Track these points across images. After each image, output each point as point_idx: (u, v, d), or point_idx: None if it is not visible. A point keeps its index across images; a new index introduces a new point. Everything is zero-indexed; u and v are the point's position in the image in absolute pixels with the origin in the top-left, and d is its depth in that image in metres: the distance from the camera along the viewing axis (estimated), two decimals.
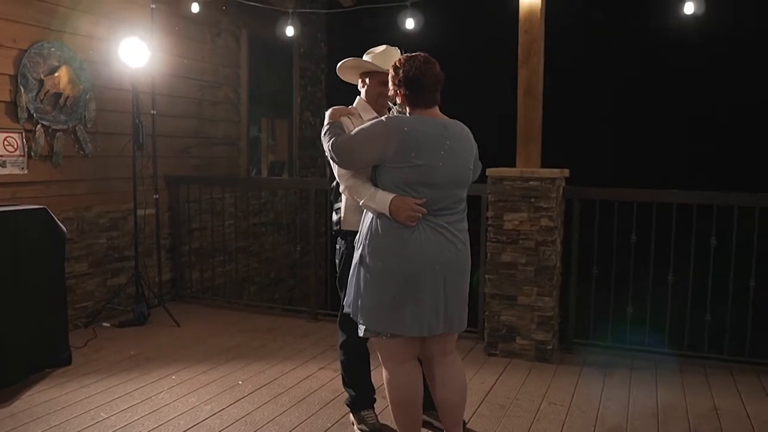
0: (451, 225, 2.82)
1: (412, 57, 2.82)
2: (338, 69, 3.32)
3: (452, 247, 2.82)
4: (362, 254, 2.82)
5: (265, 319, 5.66)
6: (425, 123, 2.77)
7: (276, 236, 7.56)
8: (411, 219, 2.73)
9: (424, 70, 2.78)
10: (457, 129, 2.86)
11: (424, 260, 2.75)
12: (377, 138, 2.74)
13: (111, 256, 5.58)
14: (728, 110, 6.45)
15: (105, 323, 5.32)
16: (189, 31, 6.31)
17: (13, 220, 4.10)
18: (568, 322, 4.88)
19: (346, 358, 3.45)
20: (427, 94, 2.80)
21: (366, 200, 2.82)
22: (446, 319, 2.83)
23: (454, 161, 2.78)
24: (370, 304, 2.79)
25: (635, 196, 4.68)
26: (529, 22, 4.64)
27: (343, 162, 2.89)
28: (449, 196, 2.80)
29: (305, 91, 8.22)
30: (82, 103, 5.23)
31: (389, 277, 2.75)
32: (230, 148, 7.02)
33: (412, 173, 2.71)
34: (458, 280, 2.87)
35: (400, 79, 2.80)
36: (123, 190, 5.59)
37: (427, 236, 2.76)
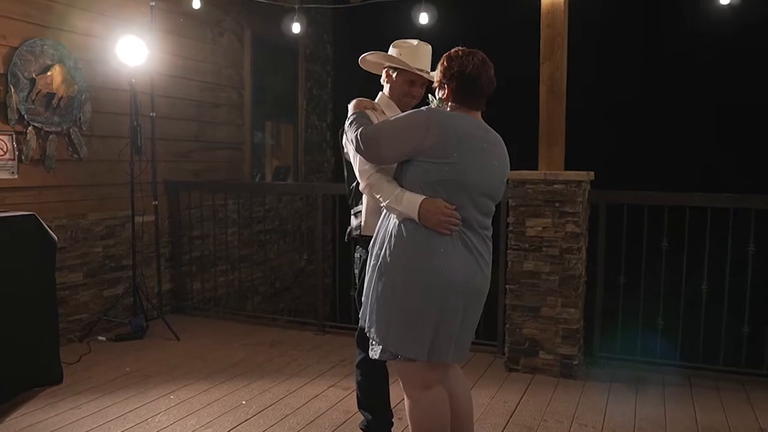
0: (480, 244, 2.53)
1: (471, 53, 2.54)
2: (361, 59, 3.03)
3: (480, 272, 2.52)
4: (380, 264, 2.49)
5: (269, 332, 5.36)
6: (469, 121, 2.51)
7: (281, 244, 7.26)
8: (443, 225, 2.40)
9: (482, 69, 2.52)
10: (496, 137, 2.60)
11: (451, 279, 2.43)
12: (416, 128, 2.43)
13: (107, 266, 5.28)
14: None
15: (100, 337, 5.02)
16: (190, 30, 6.04)
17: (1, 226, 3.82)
18: (593, 335, 4.57)
19: (363, 379, 3.12)
20: (478, 95, 2.54)
21: (391, 201, 2.47)
22: (457, 348, 2.52)
23: (491, 169, 2.51)
24: (388, 321, 2.48)
25: (666, 200, 4.38)
26: (552, 15, 4.36)
27: (372, 153, 2.53)
28: (482, 207, 2.51)
29: (311, 94, 7.94)
30: (77, 104, 4.94)
31: (411, 292, 2.43)
32: (233, 153, 6.74)
33: (447, 171, 2.40)
34: (476, 308, 2.57)
35: (454, 72, 2.52)
36: (120, 196, 5.30)
37: (458, 253, 2.45)
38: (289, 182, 7.65)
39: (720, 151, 5.97)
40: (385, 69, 2.99)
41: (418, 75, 2.91)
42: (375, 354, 2.55)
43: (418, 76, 2.91)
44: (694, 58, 6.05)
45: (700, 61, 6.03)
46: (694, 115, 6.15)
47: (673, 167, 5.93)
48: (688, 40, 5.99)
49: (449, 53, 2.58)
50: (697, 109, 6.14)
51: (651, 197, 4.41)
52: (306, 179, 7.83)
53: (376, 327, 2.51)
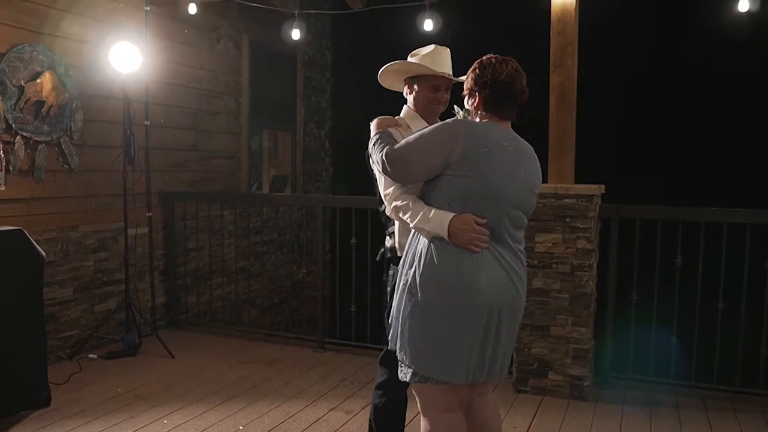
0: (513, 259, 2.41)
1: (505, 60, 2.43)
2: (380, 74, 2.86)
3: (513, 288, 2.40)
4: (410, 284, 2.38)
5: (267, 349, 5.17)
6: (496, 130, 2.39)
7: (278, 256, 7.08)
8: (473, 242, 2.30)
9: (515, 78, 2.40)
10: (527, 147, 2.49)
11: (483, 298, 2.32)
12: (442, 141, 2.32)
13: (99, 280, 5.09)
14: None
15: (91, 354, 4.83)
16: (186, 36, 5.86)
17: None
18: (603, 354, 4.41)
19: (381, 402, 2.92)
20: (510, 105, 2.43)
21: (419, 221, 2.37)
22: (491, 367, 2.40)
23: (522, 180, 2.40)
24: (420, 342, 2.37)
25: (680, 214, 4.22)
26: (563, 23, 4.21)
27: (399, 173, 2.43)
28: (513, 220, 2.40)
29: (309, 101, 7.76)
30: (68, 112, 4.76)
31: (442, 313, 2.33)
32: (230, 162, 6.56)
33: (477, 184, 2.30)
34: (511, 326, 2.45)
35: (486, 80, 2.40)
36: (113, 207, 5.11)
37: (490, 270, 2.34)
38: (288, 194, 7.46)
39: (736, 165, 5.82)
40: (406, 81, 2.83)
41: (442, 78, 2.77)
42: (405, 376, 2.43)
43: (441, 79, 2.77)
44: (710, 68, 5.90)
45: (716, 71, 5.88)
46: (710, 127, 6.00)
47: (687, 180, 5.78)
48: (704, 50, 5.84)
49: (481, 60, 2.47)
50: (713, 120, 5.99)
51: (664, 212, 4.25)
52: (304, 189, 7.65)
53: (407, 349, 2.40)
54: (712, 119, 5.96)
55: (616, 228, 4.30)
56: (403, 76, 2.85)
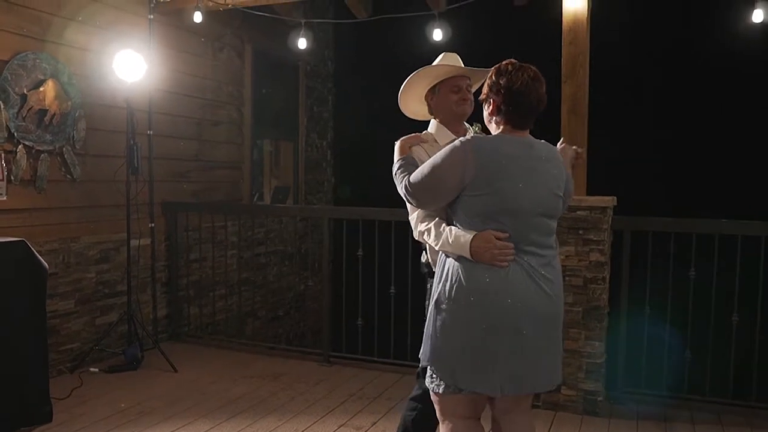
0: (543, 267, 2.35)
1: (522, 68, 2.37)
2: (400, 101, 2.81)
3: (544, 297, 2.35)
4: (439, 300, 2.37)
5: (271, 362, 5.07)
6: (508, 142, 2.36)
7: (280, 267, 6.98)
8: (497, 259, 2.28)
9: (531, 87, 2.34)
10: (545, 149, 2.43)
11: (514, 312, 2.30)
12: (454, 165, 2.32)
13: (101, 292, 4.99)
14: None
15: (93, 368, 4.72)
16: (189, 45, 5.80)
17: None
18: (616, 368, 4.33)
19: (414, 415, 2.85)
20: (525, 114, 2.38)
21: (442, 244, 2.40)
22: (518, 377, 2.34)
23: (542, 185, 2.36)
24: (450, 357, 2.37)
25: (694, 227, 4.16)
26: (574, 33, 4.17)
27: (422, 203, 2.50)
28: (538, 227, 2.36)
29: (311, 112, 7.70)
30: (71, 121, 4.68)
31: (474, 327, 2.32)
32: (232, 172, 6.48)
33: (492, 200, 2.29)
34: (550, 334, 2.40)
35: (500, 87, 2.36)
36: (115, 218, 5.03)
37: (518, 282, 2.30)
38: (294, 205, 7.41)
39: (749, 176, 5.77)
40: (426, 96, 2.77)
41: (461, 78, 2.72)
42: (437, 388, 2.42)
43: (461, 79, 2.72)
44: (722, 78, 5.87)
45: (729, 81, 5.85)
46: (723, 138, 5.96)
47: (698, 191, 5.73)
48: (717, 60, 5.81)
49: (499, 66, 2.42)
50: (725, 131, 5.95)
51: (678, 224, 4.19)
52: (306, 199, 7.57)
53: (439, 362, 2.40)
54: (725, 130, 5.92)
55: (628, 240, 4.24)
56: (423, 91, 2.79)
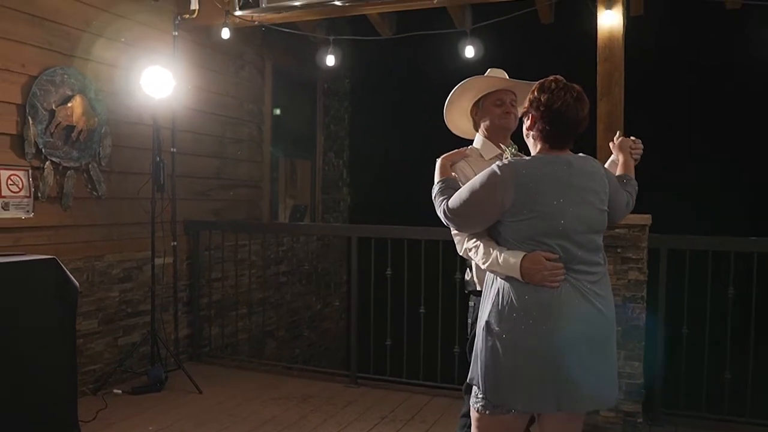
0: (594, 284, 2.30)
1: (566, 87, 2.31)
2: (447, 112, 2.78)
3: (598, 316, 2.30)
4: (489, 322, 2.31)
5: (297, 384, 4.97)
6: (545, 162, 2.30)
7: (297, 286, 6.89)
8: (548, 280, 2.23)
9: (572, 107, 2.28)
10: (584, 165, 2.35)
11: (567, 333, 2.23)
12: (492, 192, 2.28)
13: (123, 312, 4.90)
14: None
15: (116, 389, 4.61)
16: (212, 62, 5.76)
17: (17, 271, 3.49)
18: (654, 389, 4.25)
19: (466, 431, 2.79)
20: (564, 134, 2.32)
21: (490, 264, 2.33)
22: (573, 396, 2.26)
23: (584, 202, 2.29)
24: (497, 374, 2.30)
25: (732, 245, 4.10)
26: (609, 50, 4.15)
27: (461, 228, 2.47)
28: (585, 245, 2.30)
29: (328, 130, 7.66)
30: (97, 137, 4.63)
31: (522, 349, 2.25)
32: (252, 191, 6.41)
33: (535, 224, 2.25)
34: (598, 351, 2.32)
35: (540, 104, 2.31)
36: (138, 236, 4.96)
37: (569, 302, 2.25)
38: (320, 223, 7.38)
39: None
40: (471, 111, 2.73)
41: (505, 91, 2.68)
42: (485, 410, 2.36)
43: (504, 92, 2.68)
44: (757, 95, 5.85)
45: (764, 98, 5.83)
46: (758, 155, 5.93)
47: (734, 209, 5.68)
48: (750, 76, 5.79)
49: (543, 81, 2.37)
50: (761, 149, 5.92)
51: (715, 242, 4.14)
52: (323, 218, 7.51)
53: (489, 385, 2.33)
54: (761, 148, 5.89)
55: (665, 258, 4.18)
56: (468, 105, 2.76)
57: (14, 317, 3.39)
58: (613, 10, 4.09)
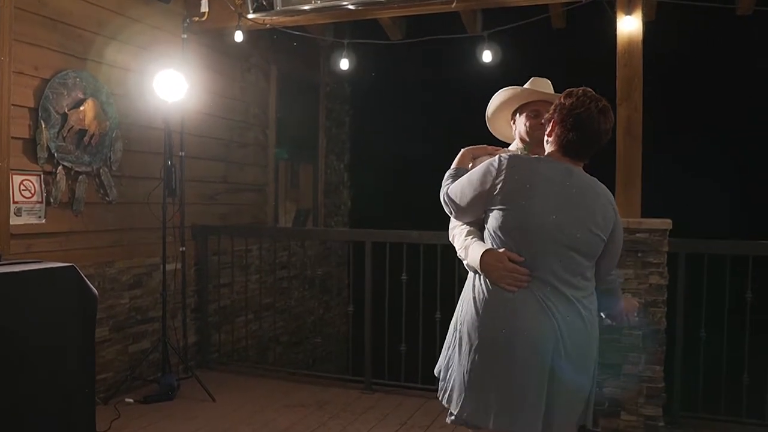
0: (563, 306, 2.20)
1: (593, 97, 2.26)
2: (490, 118, 2.76)
3: (557, 338, 2.19)
4: (454, 321, 2.38)
5: (310, 390, 4.92)
6: (546, 164, 2.26)
7: (301, 291, 6.83)
8: (505, 280, 2.18)
9: (594, 117, 2.22)
10: (588, 182, 2.27)
11: (517, 342, 2.18)
12: (485, 177, 2.26)
13: (133, 319, 4.82)
14: None
15: (128, 398, 4.52)
16: (220, 65, 5.69)
17: (37, 279, 3.39)
18: (673, 393, 4.26)
19: None
20: (579, 144, 2.25)
21: (460, 252, 2.36)
22: (547, 419, 2.22)
23: (573, 217, 2.20)
24: (456, 383, 2.31)
25: (752, 249, 4.13)
26: (629, 54, 4.16)
27: (456, 211, 2.45)
28: (563, 260, 2.20)
29: (330, 133, 7.62)
30: (108, 141, 4.54)
31: (475, 352, 2.24)
32: (257, 195, 6.35)
33: (515, 217, 2.20)
34: (569, 373, 2.23)
35: (563, 108, 2.27)
36: (148, 242, 4.88)
37: (527, 312, 2.19)
38: (337, 228, 7.47)
39: None
40: (511, 116, 2.72)
41: (543, 102, 2.63)
42: (448, 419, 2.36)
43: (542, 104, 2.63)
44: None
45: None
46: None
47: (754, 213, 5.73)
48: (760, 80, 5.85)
49: (572, 89, 2.33)
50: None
51: (734, 246, 4.16)
52: (325, 222, 7.46)
53: (448, 389, 2.37)
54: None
55: (683, 262, 4.21)
56: (508, 114, 2.74)
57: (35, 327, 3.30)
58: (632, 16, 4.10)
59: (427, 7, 4.59)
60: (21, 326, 3.24)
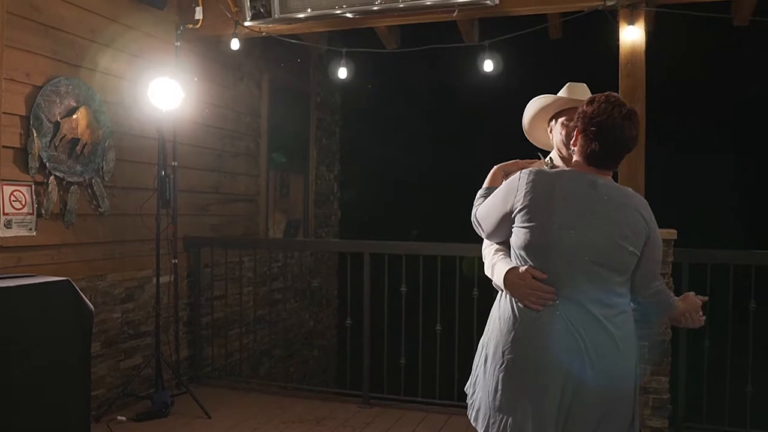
0: (589, 327, 2.09)
1: (615, 102, 2.17)
2: (528, 126, 2.66)
3: (581, 362, 2.09)
4: (483, 337, 2.33)
5: (307, 406, 4.81)
6: (569, 178, 2.19)
7: (292, 303, 6.72)
8: (529, 298, 2.11)
9: (617, 124, 2.14)
10: (615, 193, 2.16)
11: (538, 362, 2.11)
12: (507, 195, 2.22)
13: (125, 333, 4.68)
14: None
15: (120, 416, 4.37)
16: (212, 74, 5.59)
17: (32, 294, 3.27)
18: (677, 403, 4.24)
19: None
20: (604, 153, 2.16)
21: (487, 270, 2.34)
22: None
23: (599, 230, 2.10)
24: (483, 398, 2.25)
25: (752, 258, 4.13)
26: (632, 65, 4.16)
27: (485, 232, 2.39)
28: (594, 277, 2.11)
29: (321, 144, 7.53)
30: (100, 151, 4.42)
31: (496, 370, 2.19)
32: (249, 205, 6.24)
33: (536, 234, 2.13)
34: (588, 412, 2.12)
35: (585, 115, 2.19)
36: (140, 254, 4.75)
37: (547, 331, 2.11)
38: (332, 239, 7.44)
39: None
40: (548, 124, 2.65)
41: (575, 110, 2.57)
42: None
43: (574, 110, 2.57)
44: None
45: None
46: None
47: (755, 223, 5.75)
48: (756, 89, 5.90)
49: (596, 95, 2.25)
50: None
51: (738, 256, 4.16)
52: (316, 233, 7.37)
53: (475, 407, 2.30)
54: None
55: (687, 272, 4.19)
56: (544, 123, 2.68)
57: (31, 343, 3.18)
58: (635, 26, 4.10)
59: (427, 16, 4.54)
60: (16, 342, 3.13)
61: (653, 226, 2.20)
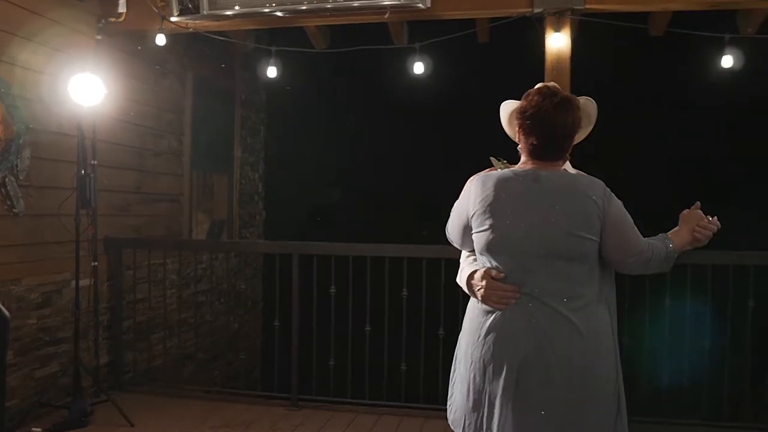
0: (550, 319, 2.08)
1: (547, 93, 2.18)
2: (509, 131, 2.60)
3: (552, 355, 2.07)
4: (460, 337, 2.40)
5: (234, 410, 4.71)
6: (510, 176, 2.19)
7: (216, 305, 6.57)
8: (490, 299, 2.15)
9: (549, 114, 2.13)
10: (559, 182, 2.13)
11: (497, 351, 2.15)
12: (461, 202, 2.30)
13: (41, 340, 4.45)
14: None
15: (35, 428, 4.15)
16: (134, 69, 5.38)
17: None
18: None
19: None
20: (545, 145, 2.16)
21: (458, 277, 2.39)
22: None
23: (549, 223, 2.08)
24: (458, 399, 2.31)
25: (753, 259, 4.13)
26: (557, 71, 4.28)
27: (456, 243, 2.43)
28: (548, 272, 2.09)
29: (245, 143, 7.40)
30: (14, 149, 4.18)
31: (462, 366, 2.30)
32: (172, 205, 6.06)
33: (489, 236, 2.16)
34: (562, 407, 2.08)
35: (521, 114, 2.22)
36: (58, 257, 4.53)
37: (514, 327, 2.13)
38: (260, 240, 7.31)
39: None
40: None
41: None
42: None
43: None
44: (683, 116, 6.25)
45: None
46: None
47: None
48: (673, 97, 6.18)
49: (531, 89, 2.26)
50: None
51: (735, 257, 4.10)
52: (240, 234, 7.23)
53: (452, 408, 2.37)
54: None
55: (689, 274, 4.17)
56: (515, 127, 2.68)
57: None
58: (561, 33, 4.23)
59: (358, 17, 4.55)
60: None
61: (608, 205, 2.11)
